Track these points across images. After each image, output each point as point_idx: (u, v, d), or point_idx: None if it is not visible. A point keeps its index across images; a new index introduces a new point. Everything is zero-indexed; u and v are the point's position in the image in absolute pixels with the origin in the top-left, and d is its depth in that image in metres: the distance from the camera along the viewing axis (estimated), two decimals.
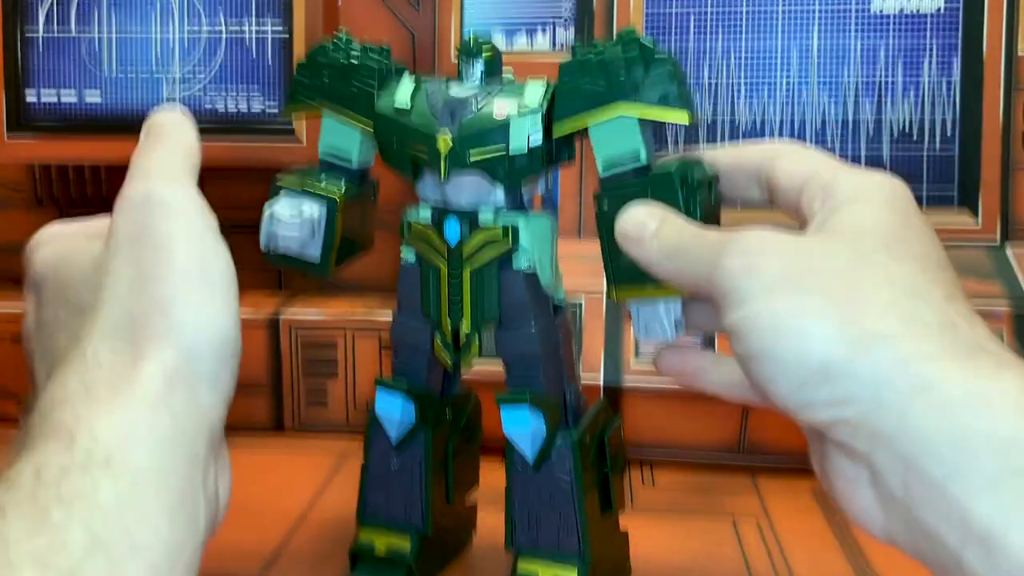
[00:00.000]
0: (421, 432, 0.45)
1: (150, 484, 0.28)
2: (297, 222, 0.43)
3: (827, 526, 0.54)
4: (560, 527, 0.42)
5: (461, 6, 0.72)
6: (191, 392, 0.31)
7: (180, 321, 0.32)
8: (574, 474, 0.41)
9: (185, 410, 0.31)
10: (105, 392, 0.30)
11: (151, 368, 0.31)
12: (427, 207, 0.43)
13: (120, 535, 0.27)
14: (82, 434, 0.28)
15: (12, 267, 0.82)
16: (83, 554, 0.26)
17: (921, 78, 0.69)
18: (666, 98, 0.38)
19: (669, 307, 0.40)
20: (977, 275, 0.63)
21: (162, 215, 0.33)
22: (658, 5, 0.71)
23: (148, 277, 0.32)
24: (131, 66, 0.73)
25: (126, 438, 0.29)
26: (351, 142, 0.44)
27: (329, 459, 0.64)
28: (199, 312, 0.32)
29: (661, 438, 0.63)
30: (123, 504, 0.27)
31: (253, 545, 0.50)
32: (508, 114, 0.40)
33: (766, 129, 0.70)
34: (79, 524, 0.26)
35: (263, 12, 0.72)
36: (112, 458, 0.28)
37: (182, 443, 0.30)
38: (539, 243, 0.42)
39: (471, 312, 0.43)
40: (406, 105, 0.42)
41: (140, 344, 0.31)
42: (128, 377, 0.30)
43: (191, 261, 0.33)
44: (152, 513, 0.28)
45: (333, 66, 0.44)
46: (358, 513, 0.46)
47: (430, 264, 0.43)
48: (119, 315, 0.32)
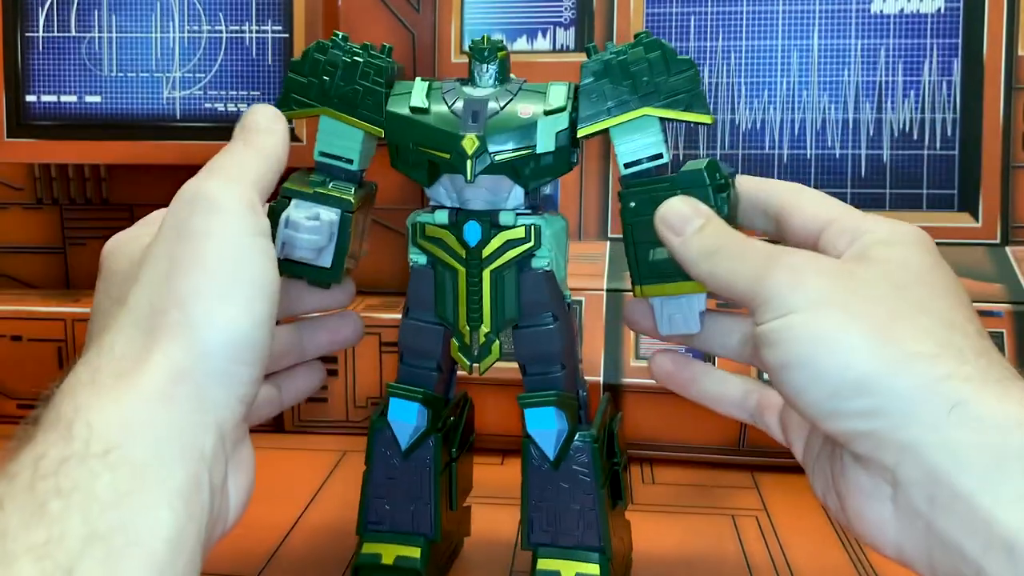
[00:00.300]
0: (430, 438, 0.44)
1: (149, 477, 0.28)
2: (317, 224, 0.41)
3: (827, 523, 0.54)
4: (580, 522, 0.42)
5: (461, 6, 0.73)
6: (198, 388, 0.31)
7: (195, 316, 0.31)
8: (594, 469, 0.42)
9: (189, 406, 0.30)
10: (110, 382, 0.30)
11: (157, 360, 0.30)
12: (443, 210, 0.42)
13: (119, 527, 0.26)
14: (79, 425, 0.28)
15: (12, 267, 0.82)
16: (81, 546, 0.25)
17: (921, 78, 0.69)
18: (691, 100, 0.40)
19: (692, 300, 0.41)
20: (977, 275, 0.63)
21: (204, 211, 0.33)
22: (658, 6, 0.71)
23: (176, 270, 0.32)
24: (131, 66, 0.73)
25: (124, 430, 0.28)
26: (352, 144, 0.43)
27: (329, 457, 0.64)
28: (216, 310, 0.32)
29: (661, 436, 0.63)
30: (121, 496, 0.27)
31: (253, 543, 0.50)
32: (534, 114, 0.40)
33: (766, 129, 0.70)
34: (77, 516, 0.26)
35: (263, 13, 0.72)
36: (110, 450, 0.28)
37: (182, 438, 0.30)
38: (556, 243, 0.42)
39: (491, 313, 0.42)
40: (423, 104, 0.41)
41: (154, 335, 0.31)
42: (135, 368, 0.30)
43: (220, 259, 0.32)
44: (151, 506, 0.27)
45: (334, 64, 0.42)
46: (360, 525, 0.45)
47: (446, 266, 0.43)
48: (144, 306, 0.32)
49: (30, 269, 0.80)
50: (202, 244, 0.32)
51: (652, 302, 0.41)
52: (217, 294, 0.32)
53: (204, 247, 0.32)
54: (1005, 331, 0.60)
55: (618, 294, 0.65)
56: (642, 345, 0.63)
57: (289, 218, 0.41)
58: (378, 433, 0.44)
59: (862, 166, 0.69)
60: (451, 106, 0.41)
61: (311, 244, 0.41)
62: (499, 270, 0.42)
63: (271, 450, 0.66)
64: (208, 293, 0.32)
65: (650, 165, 0.40)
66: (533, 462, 0.42)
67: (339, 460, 0.64)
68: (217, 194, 0.34)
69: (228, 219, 0.33)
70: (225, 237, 0.33)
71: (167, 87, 0.72)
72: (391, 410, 0.44)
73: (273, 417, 0.49)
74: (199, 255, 0.32)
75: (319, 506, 0.56)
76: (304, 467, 0.62)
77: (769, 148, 0.70)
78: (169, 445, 0.29)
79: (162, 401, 0.30)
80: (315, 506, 0.56)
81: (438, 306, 0.43)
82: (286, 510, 0.55)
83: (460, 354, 0.43)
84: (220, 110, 0.72)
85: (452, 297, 0.43)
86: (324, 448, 0.66)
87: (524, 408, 0.42)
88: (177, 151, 0.71)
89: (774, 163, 0.70)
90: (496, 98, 0.41)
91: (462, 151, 0.40)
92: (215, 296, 0.32)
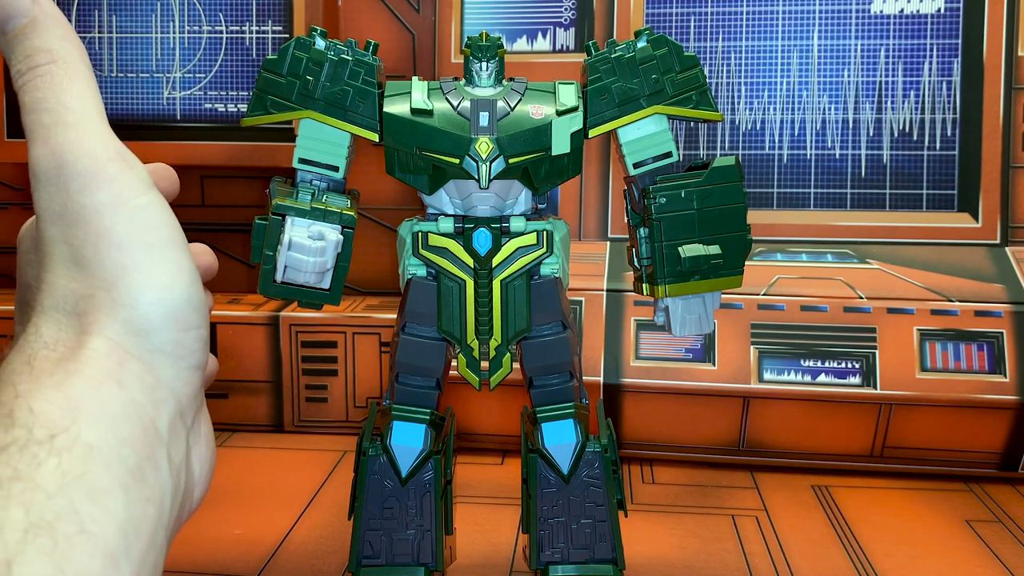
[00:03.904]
0: (431, 461, 0.41)
1: (100, 460, 0.26)
2: (323, 245, 0.37)
3: (826, 522, 0.54)
4: (593, 534, 0.41)
5: (461, 6, 0.73)
6: (145, 364, 0.30)
7: (125, 294, 0.30)
8: (605, 479, 0.41)
9: (139, 383, 0.29)
10: (48, 367, 0.28)
11: (96, 343, 0.29)
12: (447, 217, 0.40)
13: (66, 515, 0.25)
14: (21, 411, 0.26)
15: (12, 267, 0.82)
16: (22, 537, 0.24)
17: (921, 79, 0.69)
18: (699, 97, 0.40)
19: (708, 299, 0.41)
20: (977, 275, 0.63)
21: (81, 188, 0.30)
22: (658, 6, 0.71)
23: (82, 254, 0.30)
24: (131, 67, 0.73)
25: (71, 414, 0.27)
26: (338, 150, 0.40)
27: (329, 457, 0.64)
28: (145, 282, 0.30)
29: (661, 436, 0.63)
30: (69, 482, 0.25)
31: (253, 543, 0.50)
32: (546, 114, 0.39)
33: (766, 129, 0.70)
34: (18, 506, 0.24)
35: (263, 13, 0.72)
36: (56, 434, 0.26)
37: (135, 417, 0.28)
38: (564, 248, 0.41)
39: (501, 325, 0.40)
40: (426, 106, 0.39)
41: (85, 318, 0.30)
42: (73, 353, 0.29)
43: (126, 231, 0.30)
44: (103, 491, 0.26)
45: (319, 63, 0.39)
46: (352, 561, 0.41)
47: (452, 278, 0.40)
48: (60, 292, 0.30)
49: None
50: (97, 223, 0.30)
51: (668, 303, 0.41)
52: (140, 267, 0.30)
53: (101, 226, 0.30)
54: (1005, 331, 0.60)
55: (618, 294, 0.65)
56: (642, 345, 0.63)
57: (293, 240, 0.37)
58: (371, 461, 0.41)
59: (862, 166, 0.69)
60: (456, 107, 0.39)
61: (318, 267, 0.37)
62: (510, 279, 0.40)
63: (271, 450, 0.66)
64: (129, 269, 0.30)
65: (657, 164, 0.40)
66: (542, 481, 0.41)
67: (339, 460, 0.64)
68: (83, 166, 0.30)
69: (111, 189, 0.30)
70: (118, 208, 0.30)
71: (167, 87, 0.72)
72: (395, 434, 0.41)
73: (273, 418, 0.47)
74: (101, 235, 0.30)
75: (319, 506, 0.56)
76: (304, 467, 0.62)
77: (769, 148, 0.70)
78: (120, 426, 0.28)
79: (111, 382, 0.28)
80: (315, 506, 0.56)
81: (442, 320, 0.41)
82: (286, 510, 0.55)
83: (468, 370, 0.41)
84: (220, 110, 0.72)
85: (458, 310, 0.40)
86: (324, 448, 0.66)
87: (542, 423, 0.40)
88: (177, 151, 0.71)
89: (774, 163, 0.70)
90: (504, 98, 0.39)
91: (475, 155, 0.38)
92: (137, 269, 0.30)
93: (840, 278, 0.64)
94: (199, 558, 0.49)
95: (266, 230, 0.37)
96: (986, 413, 0.59)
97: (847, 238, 0.67)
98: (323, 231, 0.37)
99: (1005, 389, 0.59)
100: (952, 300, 0.61)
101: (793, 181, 0.70)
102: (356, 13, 0.75)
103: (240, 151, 0.71)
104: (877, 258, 0.65)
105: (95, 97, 0.32)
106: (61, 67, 0.31)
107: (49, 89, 0.31)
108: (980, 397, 0.59)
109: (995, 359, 0.60)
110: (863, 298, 0.62)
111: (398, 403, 0.41)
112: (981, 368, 0.60)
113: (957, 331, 0.61)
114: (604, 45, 0.40)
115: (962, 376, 0.60)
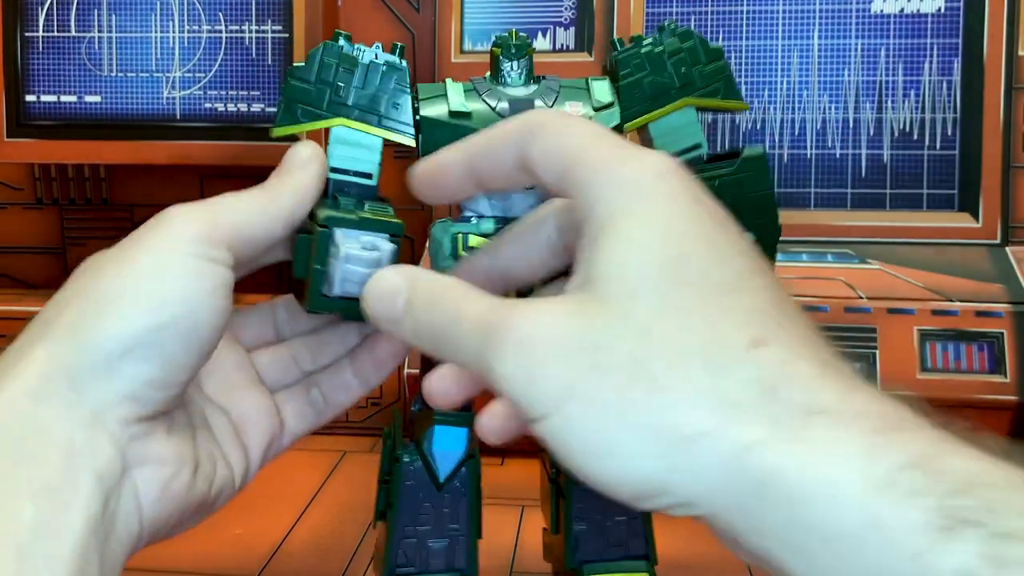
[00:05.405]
0: (468, 464, 0.41)
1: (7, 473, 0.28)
2: (376, 256, 0.36)
3: None
4: (627, 530, 0.41)
5: (461, 6, 0.72)
6: (72, 383, 0.30)
7: (83, 316, 0.31)
8: None
9: (59, 400, 0.30)
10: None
11: (36, 356, 0.30)
12: (487, 219, 0.39)
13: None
14: None
15: (12, 267, 0.82)
16: None
17: (921, 78, 0.69)
18: (726, 88, 0.40)
19: None
20: (977, 275, 0.63)
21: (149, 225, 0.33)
22: (658, 6, 0.71)
23: (86, 275, 0.32)
24: (131, 66, 0.73)
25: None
26: (372, 156, 0.39)
27: (329, 457, 0.64)
28: (106, 309, 0.31)
29: None
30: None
31: (253, 544, 0.50)
32: (584, 112, 0.39)
33: (766, 129, 0.70)
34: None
35: (263, 13, 0.72)
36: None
37: (47, 432, 0.29)
38: None
39: None
40: (465, 108, 0.38)
41: (42, 334, 0.31)
42: (11, 368, 0.30)
43: (134, 266, 0.32)
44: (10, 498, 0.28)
45: (348, 68, 0.38)
46: (385, 572, 0.40)
47: None
48: (49, 309, 0.32)
49: (30, 269, 0.80)
50: (123, 252, 0.32)
51: None
52: (111, 296, 0.31)
53: (122, 254, 0.32)
54: (1005, 331, 0.60)
55: None
56: None
57: (348, 255, 0.35)
58: (406, 467, 0.40)
59: (862, 166, 0.69)
60: (495, 108, 0.38)
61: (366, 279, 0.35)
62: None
63: None
64: (105, 294, 0.31)
65: (688, 157, 0.40)
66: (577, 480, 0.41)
67: (339, 460, 0.64)
68: (171, 213, 0.33)
69: (161, 232, 0.32)
70: (147, 247, 0.32)
71: (167, 87, 0.72)
72: (436, 440, 0.40)
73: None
74: (113, 259, 0.32)
75: (319, 506, 0.56)
76: (304, 467, 0.62)
77: (769, 148, 0.70)
78: (30, 439, 0.29)
79: (28, 397, 0.29)
80: (315, 506, 0.56)
81: None
82: (286, 510, 0.55)
83: None
84: (220, 110, 0.72)
85: None
86: (324, 448, 0.66)
87: None
88: (177, 151, 0.70)
89: (774, 163, 0.70)
90: (541, 96, 0.39)
91: None
92: (108, 297, 0.31)
93: (840, 278, 0.64)
94: (199, 558, 0.49)
95: (311, 243, 0.36)
96: (986, 413, 0.59)
97: (847, 238, 0.67)
98: (375, 241, 0.36)
99: (1005, 389, 0.59)
100: (952, 300, 0.61)
101: (793, 181, 0.70)
102: (356, 13, 0.75)
103: (240, 151, 0.71)
104: (877, 258, 0.65)
105: (248, 211, 0.36)
106: None
107: None
108: (980, 397, 0.59)
109: (995, 359, 0.60)
110: (863, 298, 0.62)
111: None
112: (981, 368, 0.60)
113: (957, 331, 0.61)
114: (629, 41, 0.41)
115: (962, 376, 0.60)
